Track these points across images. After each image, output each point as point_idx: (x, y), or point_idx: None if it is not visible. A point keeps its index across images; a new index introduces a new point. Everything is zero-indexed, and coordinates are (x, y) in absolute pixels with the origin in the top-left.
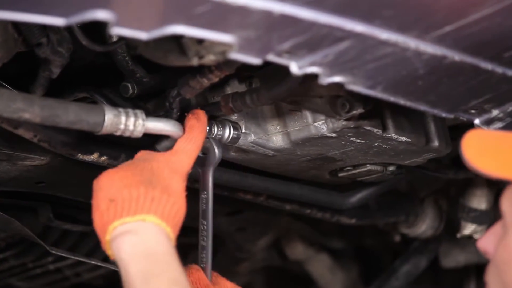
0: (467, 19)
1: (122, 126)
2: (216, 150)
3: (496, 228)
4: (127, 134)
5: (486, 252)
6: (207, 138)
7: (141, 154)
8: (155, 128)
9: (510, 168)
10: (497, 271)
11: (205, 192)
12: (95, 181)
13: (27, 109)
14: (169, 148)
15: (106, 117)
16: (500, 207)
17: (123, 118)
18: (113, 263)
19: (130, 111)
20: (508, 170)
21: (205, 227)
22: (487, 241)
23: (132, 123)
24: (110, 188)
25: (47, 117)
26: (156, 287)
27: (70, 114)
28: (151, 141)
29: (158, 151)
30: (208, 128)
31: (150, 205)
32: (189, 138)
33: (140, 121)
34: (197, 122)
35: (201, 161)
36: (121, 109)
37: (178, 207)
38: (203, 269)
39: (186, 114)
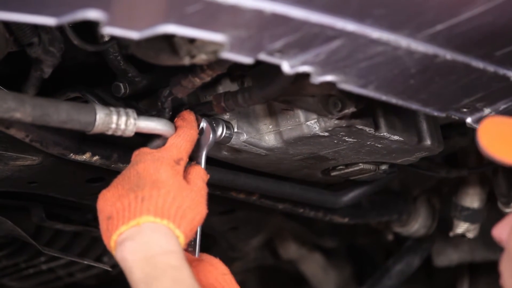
0: (458, 17)
1: (113, 125)
2: (210, 132)
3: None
4: (118, 133)
5: (501, 241)
6: (203, 118)
7: (134, 156)
8: (147, 127)
9: None
10: (510, 261)
11: None
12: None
13: (19, 109)
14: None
15: (98, 116)
16: None
17: (114, 117)
18: (106, 263)
19: (121, 110)
20: None
21: None
22: (502, 230)
23: (123, 122)
24: (105, 207)
25: (39, 116)
26: None
27: (62, 114)
28: (144, 141)
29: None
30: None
31: (142, 206)
32: (178, 134)
33: (131, 120)
34: (183, 121)
35: (195, 144)
36: (112, 108)
37: (174, 193)
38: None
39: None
